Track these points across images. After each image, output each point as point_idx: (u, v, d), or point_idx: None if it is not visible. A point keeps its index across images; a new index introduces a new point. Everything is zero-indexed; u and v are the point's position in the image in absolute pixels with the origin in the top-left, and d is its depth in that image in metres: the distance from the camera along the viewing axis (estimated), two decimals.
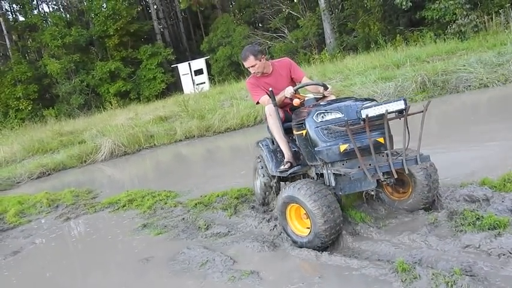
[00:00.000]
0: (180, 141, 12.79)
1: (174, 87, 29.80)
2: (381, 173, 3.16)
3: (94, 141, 13.16)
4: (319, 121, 3.38)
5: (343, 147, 3.26)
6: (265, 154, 4.40)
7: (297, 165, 3.95)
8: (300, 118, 3.63)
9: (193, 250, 3.93)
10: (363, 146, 3.19)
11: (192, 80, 27.82)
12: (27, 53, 34.59)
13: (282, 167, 4.03)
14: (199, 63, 28.29)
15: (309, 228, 3.40)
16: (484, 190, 3.68)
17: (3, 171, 12.13)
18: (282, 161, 4.14)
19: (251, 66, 4.21)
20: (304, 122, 3.50)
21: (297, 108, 3.99)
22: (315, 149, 3.43)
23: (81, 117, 23.79)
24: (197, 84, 26.59)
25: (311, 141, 3.45)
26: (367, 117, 3.01)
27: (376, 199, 4.02)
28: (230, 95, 16.00)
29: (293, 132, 3.83)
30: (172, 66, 29.97)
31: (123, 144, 12.41)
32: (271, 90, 3.97)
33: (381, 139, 3.26)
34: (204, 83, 27.15)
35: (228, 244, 4.00)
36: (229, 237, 4.18)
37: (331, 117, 3.35)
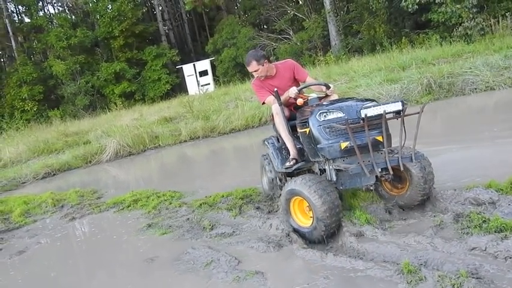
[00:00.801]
0: (185, 142, 12.80)
1: (178, 88, 29.83)
2: (378, 169, 3.37)
3: (99, 142, 13.19)
4: (322, 120, 3.56)
5: (343, 145, 3.46)
6: (271, 151, 4.56)
7: (301, 162, 4.09)
8: (303, 117, 3.80)
9: (198, 250, 3.94)
10: (362, 144, 3.37)
11: (197, 81, 27.89)
12: (32, 54, 34.79)
13: (287, 163, 4.17)
14: (204, 65, 28.38)
15: (311, 218, 3.56)
16: (490, 193, 3.66)
17: (9, 172, 12.19)
18: (287, 157, 4.29)
19: (254, 71, 4.37)
20: (307, 120, 3.67)
21: (301, 107, 4.11)
22: (318, 146, 3.61)
23: (86, 118, 23.82)
24: (202, 86, 26.62)
25: (314, 139, 3.63)
26: (366, 117, 3.23)
27: (377, 193, 4.16)
28: (235, 96, 15.99)
29: (297, 130, 3.99)
30: (177, 67, 30.04)
31: (128, 145, 12.44)
32: (276, 91, 4.10)
33: (380, 137, 3.46)
34: (208, 84, 27.19)
35: (233, 244, 4.00)
36: (234, 237, 4.18)
37: (333, 116, 3.53)
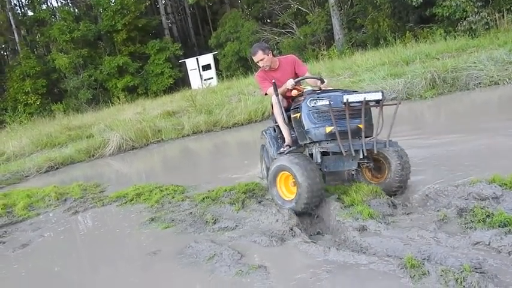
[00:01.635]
0: (188, 136, 12.80)
1: (181, 82, 29.79)
2: (354, 150, 3.84)
3: (102, 136, 13.20)
4: (312, 106, 4.02)
5: (328, 129, 3.93)
6: (268, 140, 4.98)
7: (293, 147, 4.55)
8: (297, 104, 4.29)
9: (201, 244, 3.93)
10: (344, 129, 3.83)
11: (200, 75, 27.82)
12: (35, 48, 34.80)
13: (281, 149, 4.62)
14: (207, 59, 28.30)
15: (294, 194, 4.01)
16: (494, 188, 3.64)
17: (12, 165, 12.22)
18: (282, 145, 4.70)
19: (260, 60, 4.71)
20: (299, 106, 4.13)
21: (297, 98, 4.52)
22: (305, 129, 4.07)
23: (89, 111, 23.82)
24: (205, 80, 26.54)
25: (303, 123, 4.07)
26: (347, 102, 3.72)
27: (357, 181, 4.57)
28: (238, 90, 15.95)
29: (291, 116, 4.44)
30: (180, 61, 29.97)
31: (131, 139, 12.43)
32: (274, 82, 4.48)
33: (361, 125, 3.87)
34: (211, 78, 27.15)
35: (236, 238, 4.00)
36: (237, 231, 4.18)
37: (322, 103, 3.99)
